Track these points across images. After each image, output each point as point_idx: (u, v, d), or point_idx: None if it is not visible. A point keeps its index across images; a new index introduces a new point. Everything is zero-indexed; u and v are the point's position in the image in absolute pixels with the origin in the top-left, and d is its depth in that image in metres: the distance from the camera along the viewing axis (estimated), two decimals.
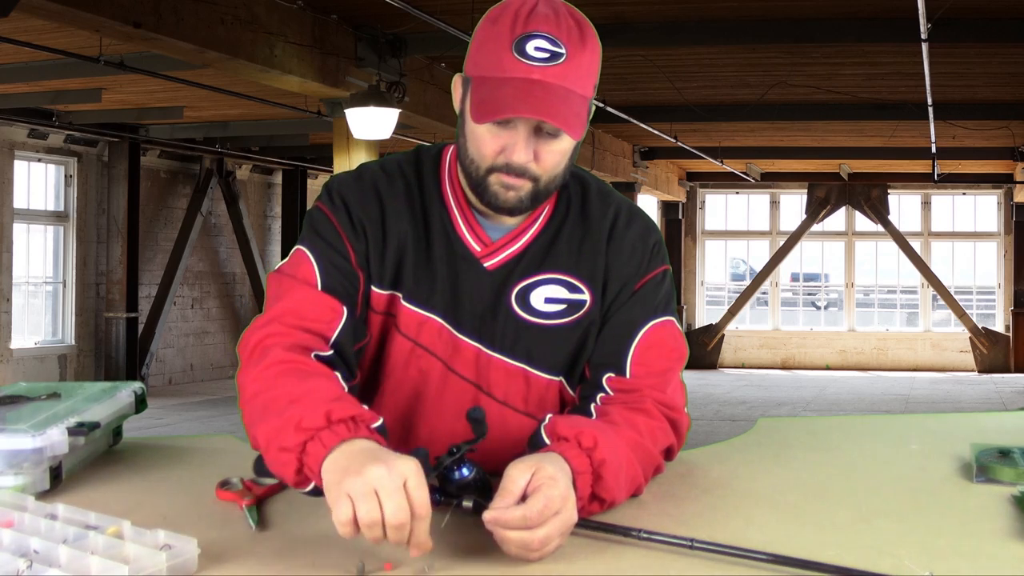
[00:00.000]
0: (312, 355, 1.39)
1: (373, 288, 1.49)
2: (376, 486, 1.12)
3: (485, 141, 1.42)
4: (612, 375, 1.49)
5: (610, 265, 1.52)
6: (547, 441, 1.33)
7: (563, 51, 1.39)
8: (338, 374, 1.39)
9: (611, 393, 1.48)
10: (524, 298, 1.50)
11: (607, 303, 1.52)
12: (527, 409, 1.52)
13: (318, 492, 1.23)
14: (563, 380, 1.54)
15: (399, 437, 1.51)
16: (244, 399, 1.36)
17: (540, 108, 1.37)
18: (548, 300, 1.51)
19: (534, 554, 1.16)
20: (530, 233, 1.52)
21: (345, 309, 1.44)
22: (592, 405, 1.47)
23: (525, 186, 1.44)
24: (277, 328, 1.40)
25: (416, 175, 1.54)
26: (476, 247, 1.51)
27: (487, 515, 1.16)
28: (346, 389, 1.36)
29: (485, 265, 1.50)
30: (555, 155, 1.43)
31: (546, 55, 1.38)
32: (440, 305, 1.50)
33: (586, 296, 1.51)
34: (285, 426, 1.25)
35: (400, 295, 1.50)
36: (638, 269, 1.53)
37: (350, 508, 1.12)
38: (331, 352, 1.41)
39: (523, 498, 1.18)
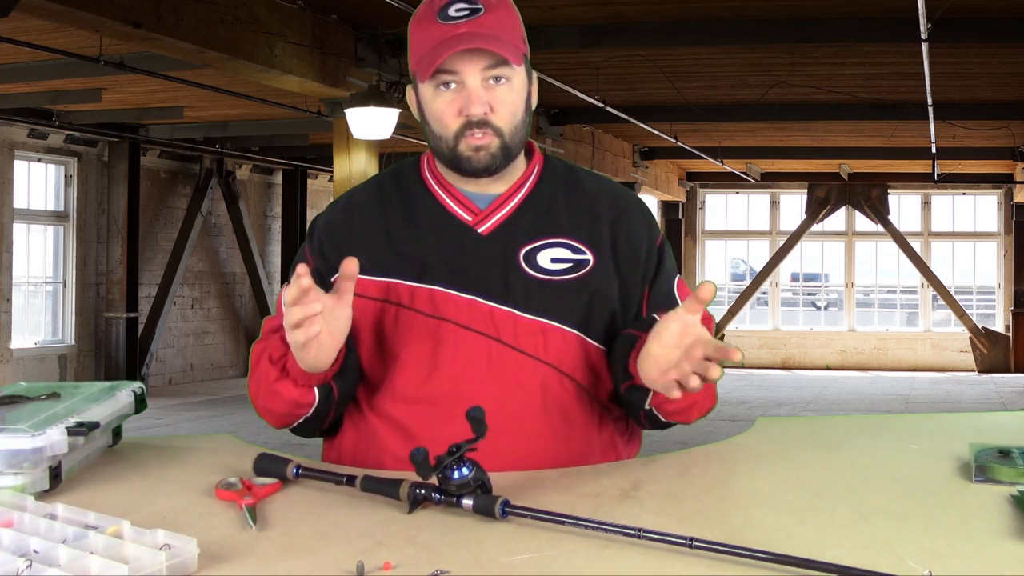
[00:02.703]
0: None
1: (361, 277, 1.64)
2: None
3: (443, 111, 1.57)
4: None
5: (620, 232, 1.66)
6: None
7: (481, 7, 1.57)
8: None
9: None
10: (531, 259, 1.61)
11: (637, 266, 1.66)
12: (547, 359, 1.60)
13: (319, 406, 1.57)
14: (581, 335, 1.62)
15: (424, 402, 1.59)
16: (252, 397, 1.63)
17: (473, 42, 1.53)
18: (554, 260, 1.62)
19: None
20: (517, 198, 1.65)
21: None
22: None
23: (493, 142, 1.58)
24: (261, 342, 1.63)
25: (395, 177, 1.71)
26: (467, 217, 1.63)
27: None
28: None
29: (479, 231, 1.63)
30: (509, 103, 1.58)
31: (466, 12, 1.56)
32: (439, 275, 1.59)
33: (589, 257, 1.63)
34: (271, 385, 1.56)
35: (394, 279, 1.61)
36: (650, 234, 1.69)
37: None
38: None
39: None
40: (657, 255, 1.69)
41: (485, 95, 1.56)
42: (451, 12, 1.56)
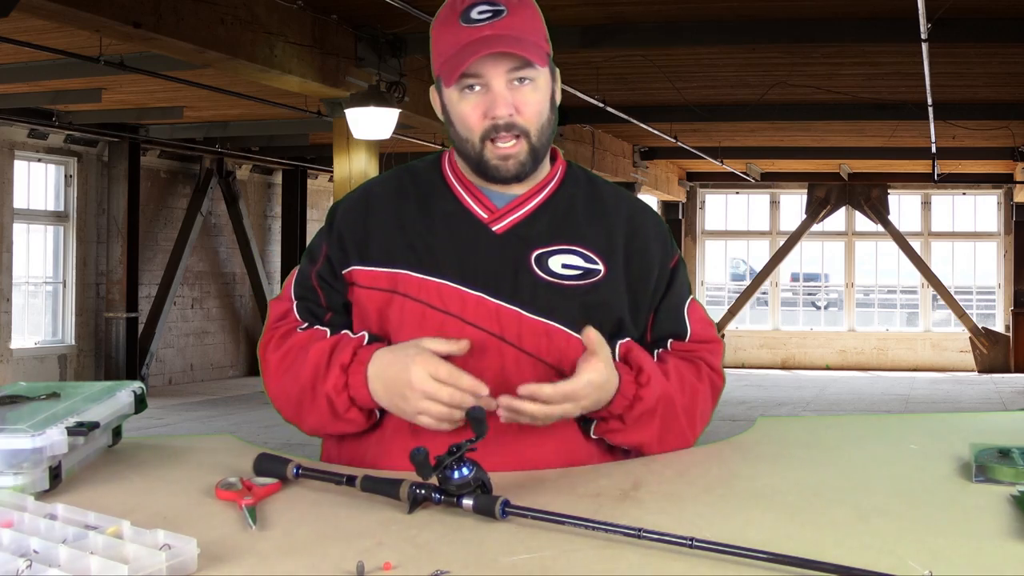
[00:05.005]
0: (297, 329, 1.66)
1: (363, 268, 1.63)
2: (414, 394, 1.48)
3: (467, 113, 1.58)
4: (674, 341, 1.70)
5: (635, 249, 1.67)
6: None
7: (503, 8, 1.57)
8: (318, 326, 1.65)
9: (670, 351, 1.69)
10: (543, 262, 1.62)
11: (648, 285, 1.67)
12: (550, 360, 1.60)
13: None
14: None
15: None
16: (276, 403, 1.67)
17: (497, 45, 1.54)
18: (565, 266, 1.63)
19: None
20: (536, 200, 1.65)
21: (295, 302, 1.68)
22: (656, 351, 1.68)
23: (521, 149, 1.59)
24: (267, 337, 1.68)
25: (415, 170, 1.71)
26: (483, 214, 1.64)
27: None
28: (327, 330, 1.64)
29: (494, 229, 1.63)
30: (534, 103, 1.59)
31: (488, 14, 1.56)
32: (449, 270, 1.60)
33: (600, 267, 1.64)
34: (324, 404, 1.57)
35: (404, 270, 1.61)
36: (664, 254, 1.71)
37: (426, 417, 1.49)
38: (306, 324, 1.66)
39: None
40: (669, 276, 1.70)
41: (510, 97, 1.56)
42: (473, 15, 1.56)
